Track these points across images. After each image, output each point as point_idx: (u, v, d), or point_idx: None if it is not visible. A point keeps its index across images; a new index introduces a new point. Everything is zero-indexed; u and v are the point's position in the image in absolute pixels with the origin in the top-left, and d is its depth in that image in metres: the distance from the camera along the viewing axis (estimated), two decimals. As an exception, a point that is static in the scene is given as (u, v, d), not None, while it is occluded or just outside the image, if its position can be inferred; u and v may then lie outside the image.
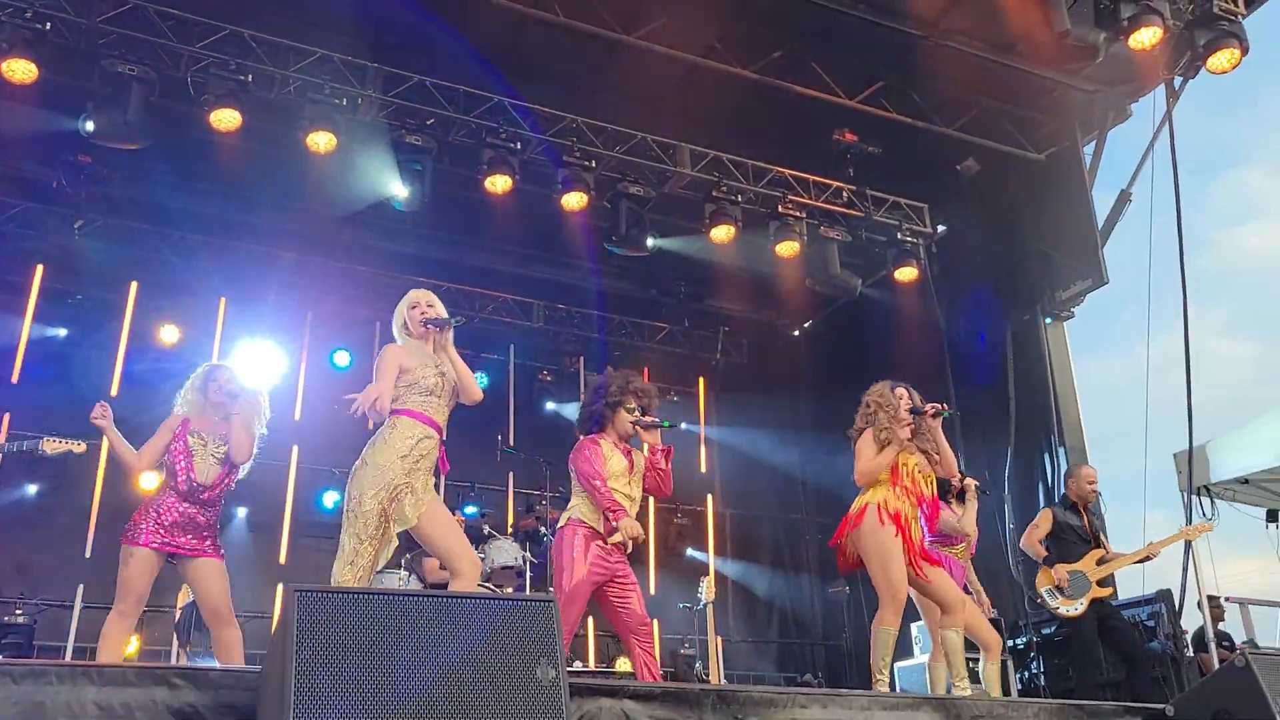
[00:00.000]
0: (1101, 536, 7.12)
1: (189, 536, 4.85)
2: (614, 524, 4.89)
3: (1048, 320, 9.70)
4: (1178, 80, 8.36)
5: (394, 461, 4.46)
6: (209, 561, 4.88)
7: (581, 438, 5.28)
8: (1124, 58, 8.18)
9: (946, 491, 6.36)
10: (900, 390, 5.50)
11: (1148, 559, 7.02)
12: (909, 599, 5.97)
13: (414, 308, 4.83)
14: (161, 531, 4.79)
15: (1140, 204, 9.18)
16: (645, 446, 5.28)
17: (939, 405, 5.43)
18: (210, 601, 4.89)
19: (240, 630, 4.95)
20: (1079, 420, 9.39)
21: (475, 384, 4.84)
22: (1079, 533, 6.99)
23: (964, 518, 6.39)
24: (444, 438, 4.70)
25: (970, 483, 6.47)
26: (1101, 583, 6.85)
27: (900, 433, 5.30)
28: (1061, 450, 9.10)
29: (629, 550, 5.04)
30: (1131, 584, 8.02)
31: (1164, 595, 7.49)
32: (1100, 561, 6.89)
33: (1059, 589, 6.87)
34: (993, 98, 9.55)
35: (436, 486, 4.77)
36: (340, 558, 4.45)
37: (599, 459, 5.05)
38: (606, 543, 4.92)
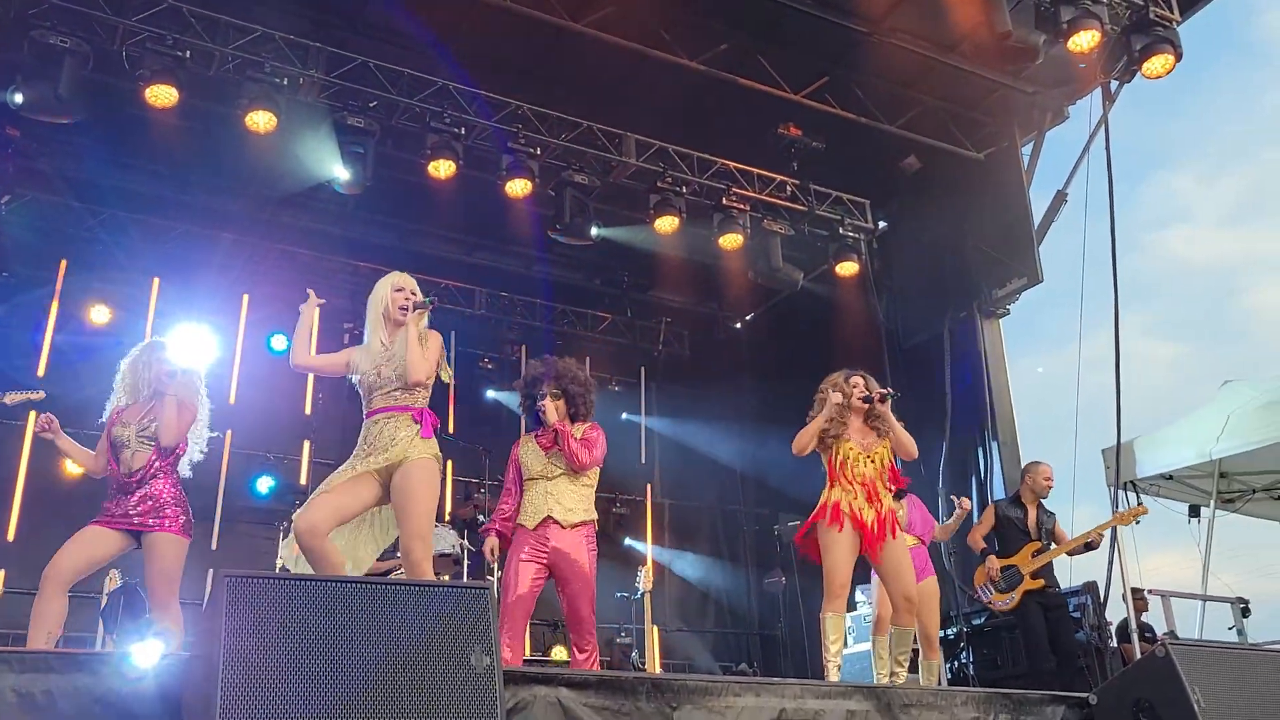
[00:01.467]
0: (1057, 529, 7.24)
1: (130, 517, 4.74)
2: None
3: (984, 318, 9.85)
4: (1114, 84, 8.55)
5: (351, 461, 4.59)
6: (155, 536, 4.75)
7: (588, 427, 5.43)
8: (1063, 60, 8.34)
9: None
10: (856, 379, 5.65)
11: (1089, 546, 7.18)
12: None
13: (399, 290, 4.77)
14: (108, 517, 4.76)
15: (1074, 205, 9.40)
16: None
17: (884, 390, 5.60)
18: (147, 579, 4.78)
19: (179, 612, 4.81)
20: (1012, 416, 9.59)
21: (418, 365, 4.64)
22: (1019, 526, 7.14)
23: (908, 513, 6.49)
24: (412, 408, 4.63)
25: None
26: (1035, 575, 6.99)
27: (834, 410, 5.45)
28: (995, 445, 9.28)
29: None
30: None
31: (1090, 587, 7.68)
32: (1036, 554, 7.04)
33: (991, 582, 7.05)
34: (935, 96, 9.68)
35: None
36: None
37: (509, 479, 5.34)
38: (529, 527, 5.15)
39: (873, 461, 5.49)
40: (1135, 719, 4.47)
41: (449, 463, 11.23)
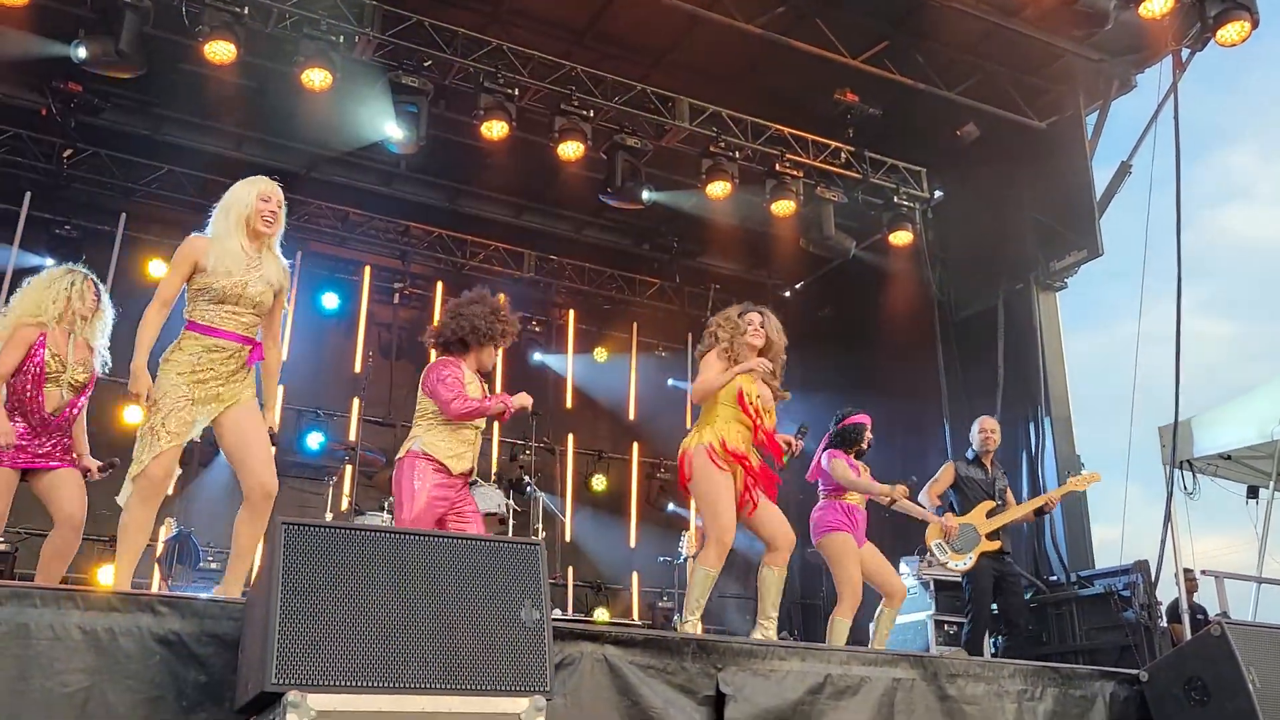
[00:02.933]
0: (1008, 492, 7.14)
1: (34, 455, 4.63)
2: (504, 405, 4.86)
3: (1040, 290, 9.68)
4: (1185, 52, 8.30)
5: (175, 379, 4.14)
6: (61, 471, 4.67)
7: (439, 357, 5.10)
8: (1133, 26, 8.11)
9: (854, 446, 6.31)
10: (751, 315, 5.43)
11: (1043, 510, 7.11)
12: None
13: (265, 201, 4.37)
14: (17, 458, 4.59)
15: (1133, 177, 9.18)
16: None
17: (794, 439, 5.39)
18: (64, 507, 4.63)
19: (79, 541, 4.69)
20: (1066, 392, 9.42)
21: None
22: (981, 486, 7.04)
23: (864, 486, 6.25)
24: (254, 342, 4.35)
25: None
26: (990, 536, 6.88)
27: (746, 353, 5.27)
28: (1047, 420, 9.13)
29: (508, 416, 4.97)
30: (1109, 555, 8.12)
31: (1141, 566, 7.57)
32: (991, 514, 6.92)
33: (947, 541, 6.89)
34: (997, 63, 9.47)
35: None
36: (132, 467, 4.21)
37: (459, 383, 4.88)
38: (448, 474, 4.81)
39: (770, 417, 5.30)
40: (1187, 697, 4.42)
41: (494, 424, 11.35)
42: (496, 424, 11.24)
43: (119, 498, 4.15)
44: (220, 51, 7.82)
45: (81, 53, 7.71)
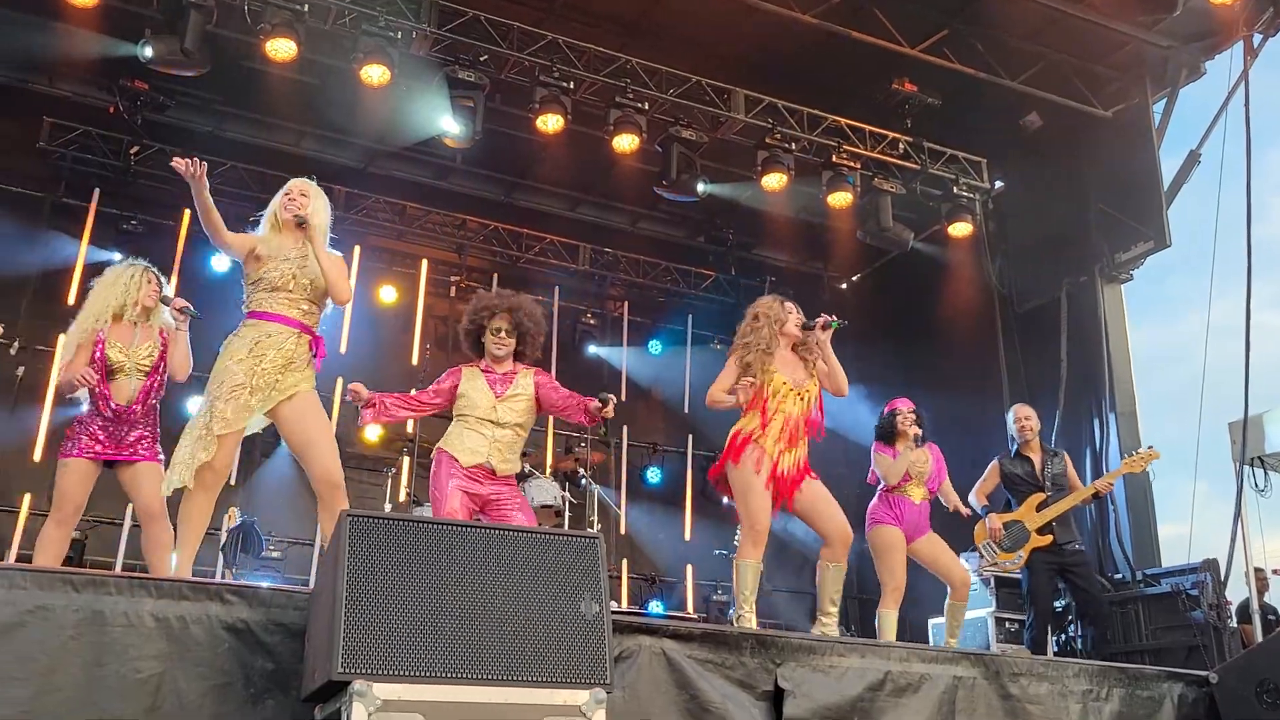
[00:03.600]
0: (1069, 472, 6.98)
1: (118, 446, 4.78)
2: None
3: (1104, 282, 9.48)
4: (1257, 38, 8.07)
5: (232, 366, 4.34)
6: (143, 465, 4.80)
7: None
8: (1202, 12, 7.91)
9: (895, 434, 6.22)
10: (790, 305, 5.42)
11: (1095, 496, 6.91)
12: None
13: (286, 194, 4.68)
14: (95, 444, 4.75)
15: (1205, 166, 8.96)
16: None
17: (828, 317, 5.35)
18: (141, 500, 4.79)
19: (171, 529, 4.76)
20: (1131, 386, 9.22)
21: (340, 286, 4.59)
22: (1027, 480, 6.89)
23: (892, 469, 6.15)
24: (313, 332, 4.54)
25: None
26: (1041, 530, 6.74)
27: (764, 359, 5.23)
28: (1112, 415, 8.95)
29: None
30: (1176, 553, 7.94)
31: (1210, 565, 7.39)
32: (1040, 506, 6.78)
33: (994, 541, 6.76)
34: (1060, 51, 9.28)
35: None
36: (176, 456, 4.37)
37: (423, 392, 5.00)
38: (470, 477, 4.79)
39: (801, 399, 5.23)
40: (1259, 700, 4.32)
41: (549, 418, 11.41)
42: (550, 418, 11.36)
43: (162, 487, 4.30)
44: (281, 49, 7.95)
45: (148, 52, 7.87)
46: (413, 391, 5.10)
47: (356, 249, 10.92)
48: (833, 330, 5.32)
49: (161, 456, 4.86)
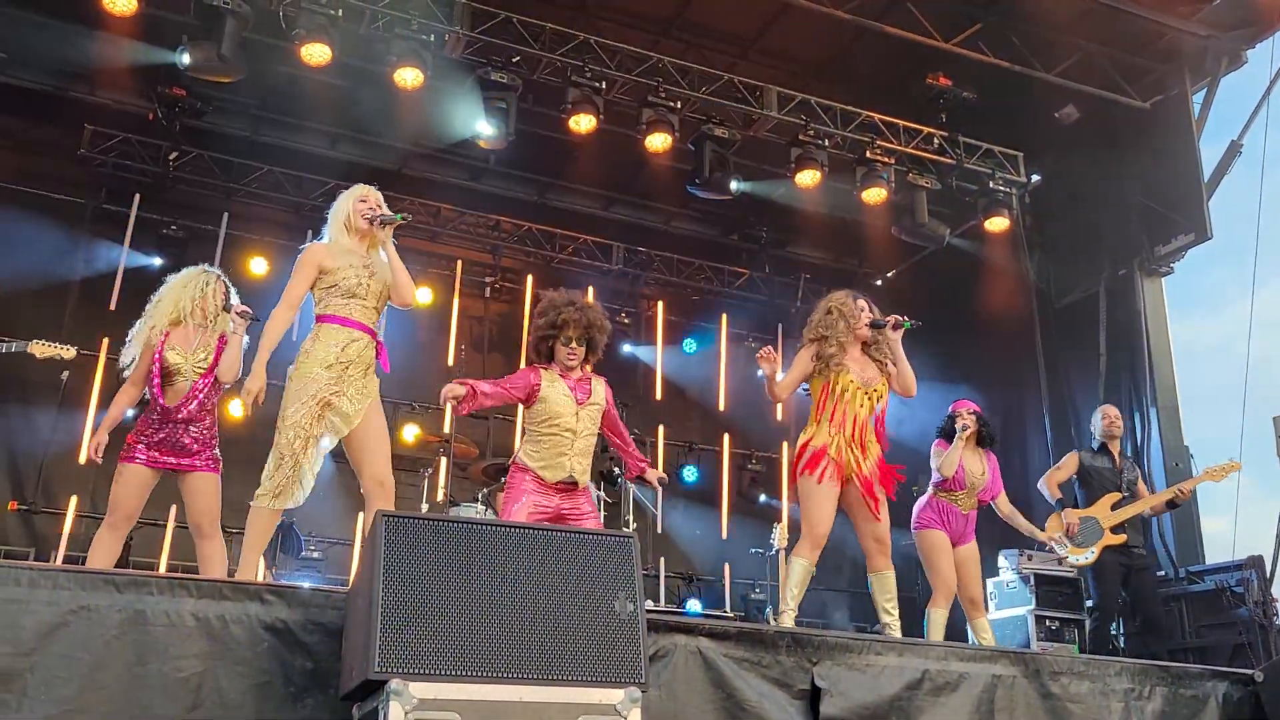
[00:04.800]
0: (1140, 483, 6.92)
1: (177, 454, 4.83)
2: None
3: (1145, 276, 9.34)
4: (1299, 25, 7.93)
5: (318, 372, 4.41)
6: (198, 476, 4.85)
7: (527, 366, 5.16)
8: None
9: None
10: (862, 302, 5.41)
11: (1173, 502, 6.80)
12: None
13: (363, 201, 4.73)
14: (152, 450, 4.81)
15: (1247, 156, 8.82)
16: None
17: (899, 317, 5.33)
18: (192, 516, 4.86)
19: (224, 544, 4.89)
20: (1173, 381, 9.08)
21: (410, 287, 4.66)
22: (1108, 475, 6.81)
23: (946, 458, 6.10)
24: (377, 338, 4.63)
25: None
26: (1115, 529, 6.65)
27: (840, 354, 5.23)
28: (1153, 411, 8.82)
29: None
30: (1222, 549, 7.81)
31: (1255, 561, 7.27)
32: (1116, 506, 6.68)
33: (1067, 535, 6.68)
34: (1097, 42, 9.16)
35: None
36: (264, 473, 4.46)
37: (513, 384, 4.90)
38: (548, 488, 4.80)
39: (870, 399, 5.21)
40: (1307, 700, 4.23)
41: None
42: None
43: (254, 503, 4.44)
44: (316, 53, 8.02)
45: (185, 59, 7.97)
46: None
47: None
48: (904, 330, 5.31)
49: (220, 467, 4.95)
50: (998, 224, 9.89)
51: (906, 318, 5.33)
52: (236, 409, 8.16)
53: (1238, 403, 8.14)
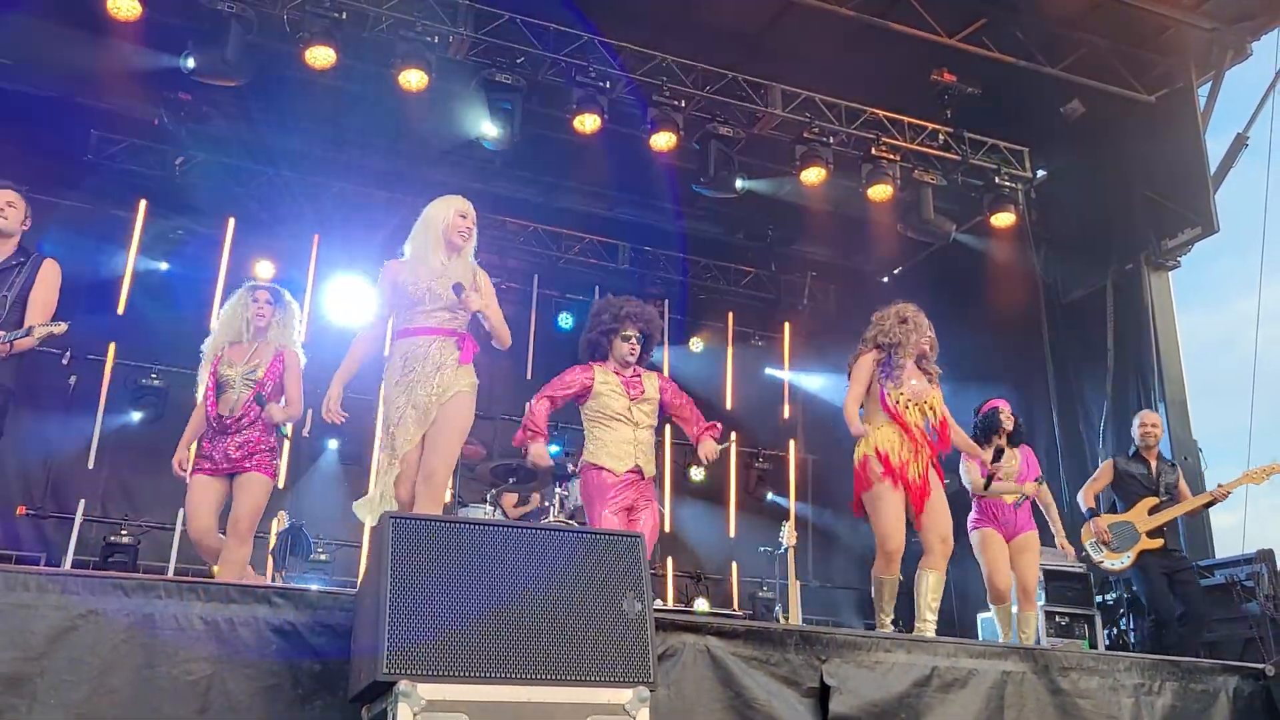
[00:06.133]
0: (1180, 484, 6.91)
1: (230, 460, 4.98)
2: (525, 438, 5.09)
3: (1151, 270, 9.31)
4: (1304, 17, 7.89)
5: (392, 390, 4.50)
6: (248, 475, 4.98)
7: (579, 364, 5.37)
8: (1248, -9, 7.72)
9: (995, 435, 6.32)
10: (926, 320, 5.49)
11: (1212, 503, 6.78)
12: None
13: (464, 216, 4.72)
14: (206, 461, 5.01)
15: (1253, 148, 8.78)
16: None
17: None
18: (232, 513, 4.96)
19: (248, 554, 4.98)
20: (1181, 375, 9.04)
21: (505, 331, 4.74)
22: (1142, 482, 6.81)
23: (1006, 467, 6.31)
24: (458, 333, 4.60)
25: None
26: (1152, 534, 6.65)
27: (911, 355, 5.30)
28: (1162, 405, 8.78)
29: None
30: (1232, 543, 7.79)
31: (1265, 555, 7.24)
32: (1153, 510, 6.68)
33: (1103, 542, 6.70)
34: (1102, 36, 9.12)
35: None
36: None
37: (567, 385, 5.20)
38: (618, 477, 5.01)
39: (921, 412, 5.26)
40: (1318, 693, 4.22)
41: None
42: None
43: (362, 517, 4.51)
44: (320, 57, 8.04)
45: (190, 63, 7.99)
46: (529, 404, 5.26)
47: (400, 253, 11.01)
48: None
49: (275, 474, 5.13)
50: (1004, 220, 9.87)
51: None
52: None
53: (1243, 396, 8.12)
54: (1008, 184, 9.84)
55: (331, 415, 4.52)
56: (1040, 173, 10.31)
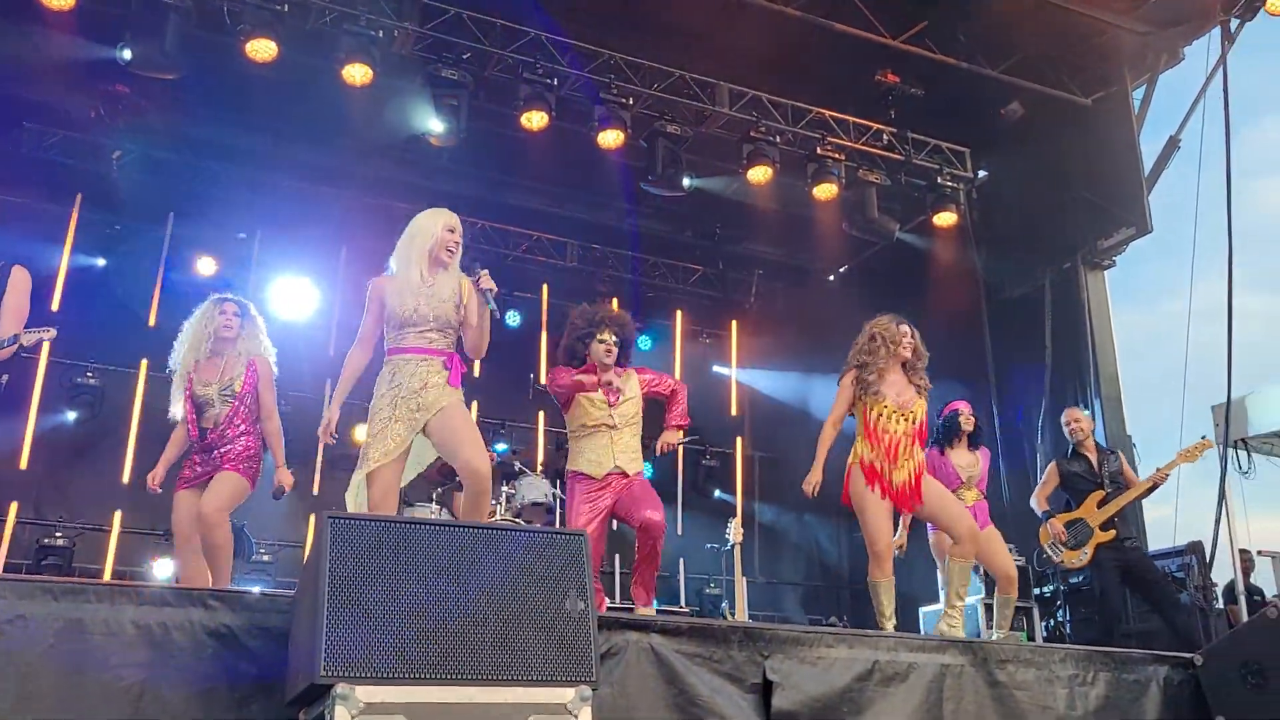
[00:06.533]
0: (1125, 469, 7.05)
1: (210, 469, 5.10)
2: (598, 383, 5.27)
3: (1088, 269, 9.51)
4: (1234, 22, 8.09)
5: (379, 402, 4.47)
6: (223, 473, 5.06)
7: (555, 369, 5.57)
8: (1179, -3, 7.91)
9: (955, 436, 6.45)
10: (905, 328, 5.59)
11: (1154, 488, 6.94)
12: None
13: (452, 231, 4.70)
14: (190, 474, 5.14)
15: (1184, 151, 9.01)
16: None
17: None
18: (200, 503, 5.02)
19: (223, 532, 5.01)
20: (1116, 372, 9.26)
21: (486, 342, 4.70)
22: (1086, 477, 6.94)
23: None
24: (435, 353, 4.54)
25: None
26: (1104, 526, 6.79)
27: (879, 381, 5.45)
28: (1097, 402, 8.98)
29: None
30: (1163, 535, 7.99)
31: (1195, 547, 7.44)
32: (1101, 503, 6.82)
33: (1059, 542, 6.84)
34: (1040, 40, 9.28)
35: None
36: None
37: (568, 372, 5.36)
38: (602, 484, 5.23)
39: (906, 419, 5.40)
40: (1243, 681, 4.35)
41: (540, 413, 11.43)
42: (542, 413, 11.36)
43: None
44: (261, 49, 7.91)
45: (127, 55, 7.83)
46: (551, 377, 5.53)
47: (342, 251, 10.91)
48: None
49: (252, 477, 5.15)
50: (946, 219, 10.01)
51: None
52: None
53: (1175, 393, 8.33)
54: (949, 184, 9.98)
55: (326, 438, 4.51)
56: (981, 173, 10.47)
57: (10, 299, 4.68)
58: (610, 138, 9.04)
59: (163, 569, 7.89)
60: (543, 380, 10.94)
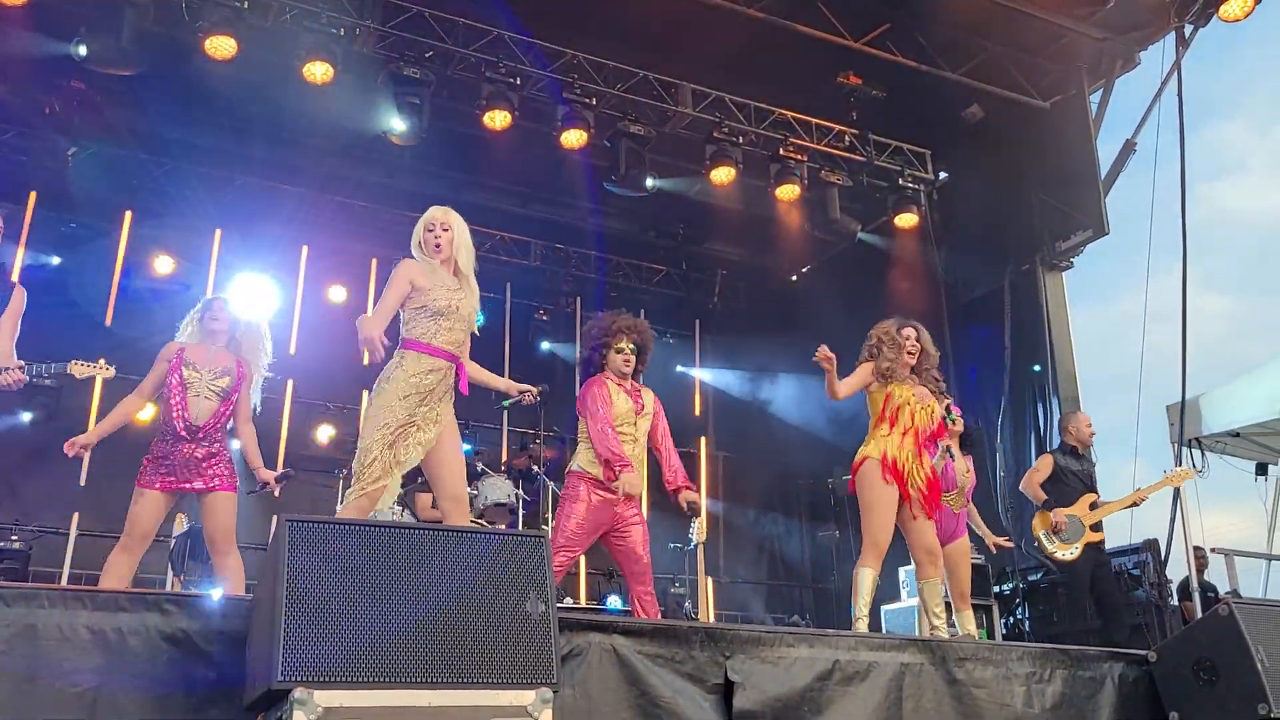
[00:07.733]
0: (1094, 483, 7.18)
1: (190, 476, 4.94)
2: (617, 475, 4.97)
3: (1046, 270, 9.64)
4: (1188, 28, 8.23)
5: (395, 402, 4.32)
6: (216, 495, 4.98)
7: (588, 380, 5.40)
8: (1135, 3, 8.05)
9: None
10: (907, 330, 5.59)
11: (1135, 504, 7.06)
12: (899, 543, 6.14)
13: (429, 230, 4.58)
14: (170, 477, 4.91)
15: (1139, 154, 9.15)
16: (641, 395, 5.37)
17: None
18: (207, 530, 5.03)
19: (239, 559, 5.04)
20: (1074, 371, 9.40)
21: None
22: (1079, 478, 7.04)
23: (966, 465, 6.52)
24: (460, 361, 4.53)
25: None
26: (1094, 527, 6.90)
27: (900, 370, 5.42)
28: (1055, 400, 9.11)
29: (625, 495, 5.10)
30: (1119, 533, 8.11)
31: (1150, 545, 7.57)
32: (1093, 506, 6.94)
33: (1055, 532, 6.92)
34: (1000, 43, 9.42)
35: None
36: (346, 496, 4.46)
37: (605, 403, 5.12)
38: (610, 492, 5.01)
39: (929, 416, 5.40)
40: (1196, 678, 4.41)
41: (504, 413, 11.39)
42: (505, 414, 11.31)
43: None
44: (221, 47, 7.83)
45: (83, 51, 7.73)
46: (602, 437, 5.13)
47: (304, 249, 10.82)
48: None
49: (236, 484, 5.08)
50: (907, 220, 10.11)
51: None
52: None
53: (1130, 392, 8.46)
54: (910, 185, 10.08)
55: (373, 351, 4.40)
56: (942, 175, 10.58)
57: (7, 322, 4.80)
58: (573, 137, 9.04)
59: (180, 527, 7.79)
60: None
